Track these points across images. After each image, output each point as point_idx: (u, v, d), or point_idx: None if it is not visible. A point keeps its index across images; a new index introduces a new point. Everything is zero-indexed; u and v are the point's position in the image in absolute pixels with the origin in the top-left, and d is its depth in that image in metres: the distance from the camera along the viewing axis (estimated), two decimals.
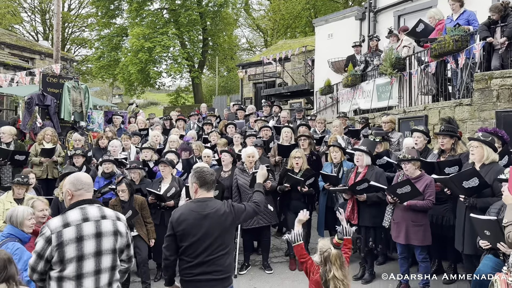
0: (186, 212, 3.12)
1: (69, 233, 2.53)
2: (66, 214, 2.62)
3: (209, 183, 3.20)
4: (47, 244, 2.50)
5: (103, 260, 2.65)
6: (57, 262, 2.51)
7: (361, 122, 8.33)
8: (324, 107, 13.21)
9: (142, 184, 6.04)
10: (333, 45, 13.48)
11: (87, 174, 2.91)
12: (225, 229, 3.12)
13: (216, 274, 3.07)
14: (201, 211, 3.09)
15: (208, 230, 3.05)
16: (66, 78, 9.07)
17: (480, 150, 4.31)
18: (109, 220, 2.72)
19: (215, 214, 3.09)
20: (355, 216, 5.31)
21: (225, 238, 3.13)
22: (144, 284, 5.33)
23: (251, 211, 3.29)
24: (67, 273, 2.52)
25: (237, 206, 3.24)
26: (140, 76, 25.77)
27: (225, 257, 3.12)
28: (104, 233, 2.66)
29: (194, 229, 3.06)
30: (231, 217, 3.14)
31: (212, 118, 10.42)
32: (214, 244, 3.06)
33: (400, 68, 8.59)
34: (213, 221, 3.08)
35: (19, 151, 6.86)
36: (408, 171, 4.86)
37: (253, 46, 39.52)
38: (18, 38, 19.98)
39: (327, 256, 3.02)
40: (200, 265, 3.05)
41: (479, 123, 6.26)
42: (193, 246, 3.06)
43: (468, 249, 4.29)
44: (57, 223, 2.56)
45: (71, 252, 2.52)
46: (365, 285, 5.27)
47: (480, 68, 6.74)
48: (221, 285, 3.10)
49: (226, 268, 3.13)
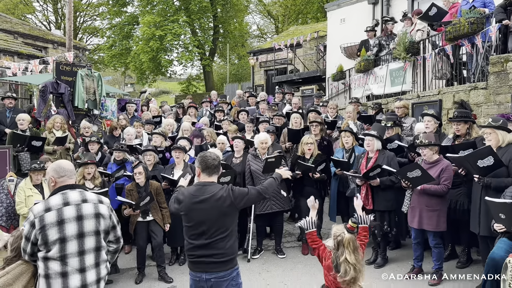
0: (186, 194, 3.24)
1: (50, 217, 2.70)
2: (48, 200, 2.79)
3: (210, 168, 3.25)
4: (31, 228, 2.69)
5: (86, 241, 2.79)
6: (42, 244, 2.70)
7: (374, 107, 8.26)
8: (336, 93, 13.12)
9: (155, 170, 6.10)
10: (345, 30, 13.32)
11: (69, 161, 3.09)
12: (223, 213, 3.14)
13: (217, 257, 3.11)
14: (199, 195, 3.17)
15: (205, 214, 3.12)
16: (79, 66, 9.15)
17: (494, 136, 4.29)
18: (90, 203, 2.85)
19: (211, 198, 3.14)
20: (370, 202, 5.31)
21: (224, 222, 3.15)
22: (159, 268, 5.43)
23: (255, 194, 3.28)
24: (51, 254, 2.70)
25: (237, 190, 3.24)
26: (152, 64, 25.83)
27: (225, 240, 3.14)
28: (85, 216, 2.80)
29: (191, 212, 3.16)
30: (229, 201, 3.15)
31: (224, 105, 10.43)
32: (212, 228, 3.12)
33: (414, 52, 8.48)
34: (209, 205, 3.13)
35: (36, 137, 6.98)
36: (426, 156, 4.81)
37: (264, 33, 39.24)
38: (31, 28, 20.15)
39: (340, 240, 3.03)
40: (200, 247, 3.14)
41: (494, 107, 6.17)
42: (192, 228, 3.17)
43: (484, 230, 4.28)
44: (40, 207, 2.73)
45: (53, 235, 2.69)
46: (377, 269, 5.29)
47: (496, 51, 6.61)
48: (222, 268, 3.13)
49: (227, 251, 3.15)
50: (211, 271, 3.13)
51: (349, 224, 3.07)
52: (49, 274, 2.71)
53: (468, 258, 5.23)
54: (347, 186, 6.10)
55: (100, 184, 5.45)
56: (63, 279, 2.71)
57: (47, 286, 2.72)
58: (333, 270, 3.03)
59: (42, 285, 2.73)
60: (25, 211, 5.09)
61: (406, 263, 5.41)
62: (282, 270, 5.53)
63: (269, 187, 3.39)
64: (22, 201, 5.19)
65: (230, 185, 3.30)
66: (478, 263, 5.13)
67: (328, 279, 3.10)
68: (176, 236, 5.81)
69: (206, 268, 3.13)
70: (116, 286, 5.29)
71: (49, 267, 2.71)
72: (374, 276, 5.02)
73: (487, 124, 4.35)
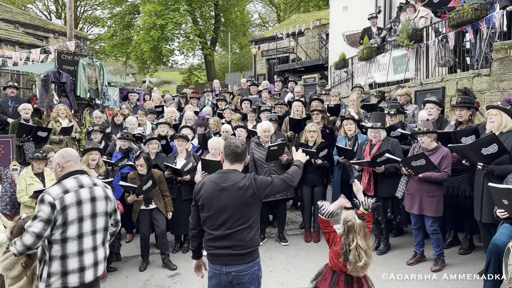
0: (207, 183, 3.09)
1: (70, 198, 2.87)
2: (62, 183, 2.93)
3: (231, 155, 3.08)
4: (52, 210, 2.79)
5: (98, 221, 3.02)
6: (60, 225, 2.82)
7: (377, 95, 8.23)
8: (338, 81, 13.06)
9: (157, 158, 6.12)
10: (348, 18, 13.22)
11: (73, 149, 3.26)
12: (244, 202, 2.97)
13: (237, 249, 2.95)
14: (220, 182, 3.02)
15: (226, 203, 2.96)
16: (80, 56, 9.13)
17: (499, 118, 4.28)
18: (99, 187, 3.09)
19: (233, 186, 2.98)
20: (371, 188, 5.32)
21: (245, 212, 2.98)
22: (163, 255, 5.48)
23: (279, 184, 3.07)
24: (70, 233, 2.86)
25: (260, 179, 3.06)
26: (153, 54, 25.75)
27: (246, 231, 2.98)
28: (98, 198, 3.03)
29: (212, 200, 3.01)
30: (251, 191, 2.97)
31: (226, 94, 10.41)
32: (232, 217, 2.96)
33: (417, 39, 8.41)
34: (230, 194, 2.97)
35: (42, 127, 7.00)
36: (424, 143, 4.82)
37: (266, 21, 38.98)
38: (32, 17, 20.07)
39: (351, 226, 3.01)
40: (220, 238, 2.98)
41: (498, 94, 6.14)
42: (212, 218, 3.01)
43: (486, 217, 4.28)
44: (57, 190, 2.87)
45: (73, 214, 2.87)
46: (380, 256, 5.32)
47: (500, 37, 6.56)
48: (243, 260, 2.97)
49: (247, 243, 2.98)
50: (231, 264, 2.97)
51: (361, 211, 3.07)
52: (66, 254, 2.86)
53: (470, 245, 5.25)
54: (350, 175, 6.11)
55: (104, 173, 5.47)
56: (79, 258, 2.91)
57: (62, 266, 2.85)
58: (342, 257, 3.02)
59: (56, 267, 2.85)
60: (26, 199, 5.13)
61: (408, 250, 5.44)
62: (285, 257, 5.57)
63: (294, 175, 3.18)
64: (23, 189, 5.21)
65: (253, 174, 3.17)
66: (480, 249, 5.15)
67: (334, 262, 3.11)
68: (179, 224, 5.85)
69: (226, 261, 2.98)
70: (121, 274, 5.35)
71: (67, 247, 2.86)
72: (376, 263, 5.05)
73: (495, 105, 4.33)
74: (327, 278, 3.12)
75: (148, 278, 5.19)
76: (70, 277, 2.87)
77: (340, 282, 3.04)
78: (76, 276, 2.89)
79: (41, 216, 2.78)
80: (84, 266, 2.92)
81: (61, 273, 2.85)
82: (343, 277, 3.05)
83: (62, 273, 2.85)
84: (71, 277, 2.88)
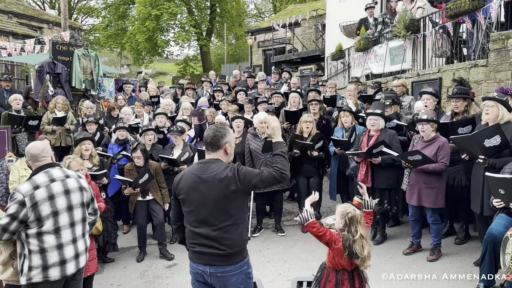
0: (186, 174, 2.82)
1: (41, 193, 2.86)
2: (33, 179, 2.92)
3: (205, 143, 2.80)
4: (21, 207, 2.79)
5: (74, 213, 3.03)
6: (33, 221, 2.83)
7: (373, 87, 8.22)
8: (335, 73, 13.03)
9: (153, 149, 6.10)
10: (344, 8, 13.15)
11: (42, 142, 3.23)
12: (226, 196, 2.66)
13: (222, 249, 2.67)
14: (200, 174, 2.73)
15: (206, 196, 2.68)
16: (76, 46, 9.04)
17: (495, 110, 4.25)
18: (72, 178, 3.08)
19: (214, 178, 2.68)
20: (369, 179, 5.33)
21: (228, 207, 2.68)
22: (160, 246, 5.49)
23: (268, 177, 2.68)
24: (46, 228, 2.86)
25: (245, 170, 2.72)
26: (148, 45, 25.53)
27: (231, 228, 2.69)
28: (71, 190, 3.03)
29: (192, 194, 2.73)
30: (234, 183, 2.65)
31: (223, 85, 10.36)
32: (215, 213, 2.67)
33: (414, 30, 8.39)
34: (211, 187, 2.68)
35: (32, 116, 6.96)
36: (425, 132, 4.80)
37: (262, 12, 38.72)
38: (26, 7, 19.82)
39: (352, 217, 2.96)
40: (202, 236, 2.70)
41: (494, 85, 6.14)
42: (193, 213, 2.74)
43: (487, 211, 4.24)
44: (28, 187, 2.86)
45: (46, 210, 2.86)
46: (376, 246, 5.35)
47: (497, 28, 6.55)
48: (230, 261, 2.70)
49: (234, 242, 2.70)
50: (217, 265, 2.69)
51: (356, 201, 3.06)
52: (45, 248, 2.86)
53: (466, 235, 5.30)
54: (346, 166, 6.13)
55: (99, 163, 5.43)
56: (59, 251, 2.91)
57: (42, 260, 2.86)
58: (346, 252, 2.92)
59: (37, 260, 2.85)
60: None
61: (404, 240, 5.48)
62: (282, 247, 5.60)
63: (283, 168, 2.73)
64: (15, 180, 5.16)
65: (237, 163, 2.79)
66: (476, 239, 5.20)
67: (335, 261, 3.02)
68: None
69: (211, 261, 2.69)
70: (118, 265, 5.36)
71: (44, 241, 2.87)
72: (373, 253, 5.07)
73: (491, 96, 4.32)
74: (332, 280, 3.05)
75: (146, 268, 5.20)
76: (51, 270, 2.88)
77: (345, 281, 3.01)
78: (57, 270, 2.90)
79: (9, 211, 2.80)
80: (65, 259, 2.93)
81: (42, 267, 2.86)
82: (346, 275, 3.02)
83: (43, 266, 2.87)
84: (52, 270, 2.89)
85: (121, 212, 6.34)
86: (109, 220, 5.30)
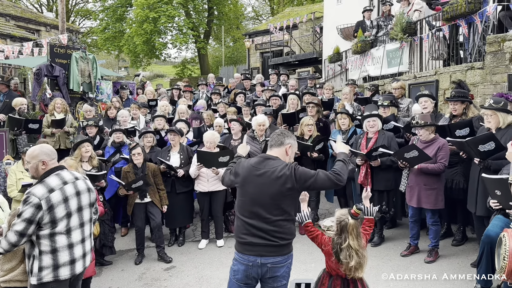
0: (245, 166, 2.97)
1: (56, 196, 2.90)
2: (46, 182, 2.93)
3: (275, 139, 2.98)
4: (37, 210, 2.81)
5: (84, 214, 3.11)
6: (48, 223, 2.87)
7: (370, 89, 8.26)
8: (332, 75, 13.08)
9: (152, 152, 6.11)
10: (342, 11, 13.22)
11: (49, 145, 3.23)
12: (282, 193, 2.80)
13: (274, 240, 2.81)
14: (259, 167, 2.89)
15: (262, 190, 2.82)
16: (73, 49, 9.05)
17: (495, 118, 4.28)
18: (81, 180, 3.15)
19: (272, 174, 2.82)
20: (369, 181, 5.34)
21: (282, 203, 2.83)
22: (158, 248, 5.49)
23: (323, 179, 2.83)
24: (59, 229, 2.91)
25: (301, 170, 2.85)
26: (146, 47, 25.58)
27: (283, 222, 2.84)
28: (81, 191, 3.10)
29: (247, 185, 2.89)
30: (290, 181, 2.79)
31: (220, 87, 10.37)
32: (269, 207, 2.81)
33: (411, 32, 8.44)
34: (268, 181, 2.81)
35: (32, 120, 6.95)
36: (422, 136, 4.84)
37: (259, 14, 38.82)
38: (23, 10, 19.82)
39: (344, 226, 2.97)
40: (255, 227, 2.83)
41: (491, 87, 6.19)
42: (246, 204, 2.89)
43: (480, 210, 4.31)
44: (42, 190, 2.88)
45: (61, 212, 2.91)
46: (374, 248, 5.36)
47: (493, 30, 6.60)
48: (279, 252, 2.84)
49: (285, 235, 2.85)
50: (267, 255, 2.81)
51: (354, 210, 3.02)
52: (57, 248, 2.92)
53: (463, 236, 5.31)
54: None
55: (98, 164, 5.44)
56: (69, 250, 2.98)
57: (53, 260, 2.90)
58: (333, 256, 2.99)
59: (48, 261, 2.89)
60: (15, 194, 5.10)
61: (402, 242, 5.49)
62: None
63: (342, 172, 2.90)
64: (13, 183, 5.18)
65: (294, 163, 2.94)
66: (473, 240, 5.21)
67: (329, 264, 3.10)
68: (174, 217, 5.88)
69: (262, 252, 2.81)
70: (116, 267, 5.35)
71: (56, 242, 2.92)
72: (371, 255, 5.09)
73: (488, 106, 4.34)
74: (325, 283, 3.09)
75: (144, 271, 5.20)
76: (62, 270, 2.94)
77: (337, 286, 3.03)
78: (67, 269, 2.97)
79: (24, 216, 2.80)
80: (74, 258, 3.02)
81: (52, 267, 2.91)
82: (339, 281, 3.03)
83: (54, 266, 2.92)
84: (63, 270, 2.95)
85: (118, 215, 6.35)
86: (106, 223, 5.31)
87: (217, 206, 5.80)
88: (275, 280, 2.88)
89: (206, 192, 5.75)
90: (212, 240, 5.99)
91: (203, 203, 5.85)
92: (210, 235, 6.05)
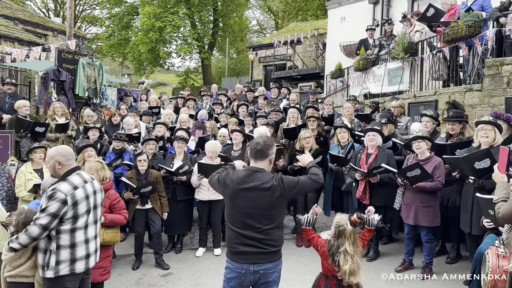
0: (234, 179, 3.03)
1: (80, 193, 3.13)
2: (69, 180, 3.14)
3: (251, 151, 3.07)
4: (63, 205, 3.00)
5: (97, 211, 3.35)
6: (70, 218, 3.06)
7: (371, 106, 8.39)
8: (334, 91, 13.23)
9: (154, 159, 6.20)
10: (345, 29, 13.44)
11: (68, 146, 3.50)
12: (271, 203, 2.94)
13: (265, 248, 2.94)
14: (246, 180, 2.97)
15: (252, 203, 2.93)
16: (81, 55, 9.20)
17: (493, 134, 4.41)
18: (95, 180, 3.40)
19: (260, 187, 2.93)
20: (367, 197, 5.43)
21: (272, 212, 2.96)
22: (156, 255, 5.55)
23: (306, 182, 3.03)
24: (79, 224, 3.12)
25: (287, 179, 3.00)
26: (150, 56, 25.82)
27: (273, 230, 2.97)
28: (97, 190, 3.34)
29: (236, 198, 2.98)
30: (278, 192, 2.94)
31: (223, 98, 10.50)
32: (259, 217, 2.93)
33: (412, 53, 8.61)
34: (257, 194, 2.93)
35: (39, 123, 7.03)
36: (421, 149, 4.93)
37: (264, 28, 39.24)
38: (31, 14, 20.06)
39: (342, 231, 3.10)
40: (246, 237, 2.94)
41: (488, 109, 6.32)
42: (237, 215, 2.98)
43: (476, 229, 4.37)
44: (68, 187, 3.09)
45: (83, 208, 3.14)
46: (369, 263, 5.43)
47: (492, 54, 6.76)
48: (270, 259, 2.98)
49: (275, 242, 2.99)
50: (259, 262, 2.94)
51: (354, 218, 3.10)
52: (75, 243, 3.12)
53: (457, 254, 5.39)
54: (342, 181, 6.22)
55: None
56: (86, 245, 3.20)
57: (71, 254, 3.09)
58: (330, 258, 3.13)
59: (66, 255, 3.07)
60: (24, 194, 5.19)
61: (397, 257, 5.56)
62: None
63: (318, 173, 3.13)
64: (21, 184, 5.27)
65: (279, 174, 3.11)
66: (467, 259, 5.28)
67: (325, 266, 3.21)
68: (174, 224, 5.95)
69: (255, 260, 2.94)
70: (113, 272, 5.38)
71: (75, 237, 3.13)
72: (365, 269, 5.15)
73: (490, 120, 4.47)
74: (321, 285, 3.20)
75: (141, 276, 5.25)
76: (78, 263, 3.13)
77: (332, 286, 3.13)
78: (83, 263, 3.17)
79: (49, 210, 2.96)
80: (89, 253, 3.23)
81: (70, 261, 3.10)
82: (335, 282, 3.13)
83: (71, 260, 3.10)
84: (79, 263, 3.14)
85: None
86: None
87: (216, 215, 5.88)
88: (267, 286, 3.01)
89: (206, 201, 5.84)
90: (209, 249, 6.05)
91: (202, 211, 5.93)
92: (208, 244, 6.11)
